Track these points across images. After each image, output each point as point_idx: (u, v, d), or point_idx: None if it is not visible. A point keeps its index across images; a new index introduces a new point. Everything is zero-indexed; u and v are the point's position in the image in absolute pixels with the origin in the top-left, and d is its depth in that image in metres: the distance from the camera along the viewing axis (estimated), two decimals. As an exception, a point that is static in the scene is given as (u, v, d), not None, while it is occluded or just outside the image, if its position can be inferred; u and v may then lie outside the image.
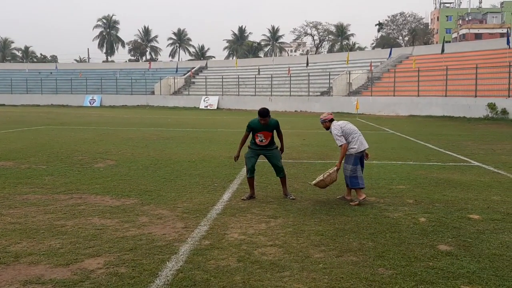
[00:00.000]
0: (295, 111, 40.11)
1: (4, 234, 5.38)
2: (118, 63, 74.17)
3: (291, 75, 44.82)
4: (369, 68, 40.64)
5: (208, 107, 46.24)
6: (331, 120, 7.36)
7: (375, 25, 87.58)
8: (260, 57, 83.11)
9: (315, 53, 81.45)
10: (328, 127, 7.34)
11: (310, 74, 43.09)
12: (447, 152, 12.94)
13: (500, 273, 4.33)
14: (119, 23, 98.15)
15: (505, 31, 58.99)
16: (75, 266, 4.45)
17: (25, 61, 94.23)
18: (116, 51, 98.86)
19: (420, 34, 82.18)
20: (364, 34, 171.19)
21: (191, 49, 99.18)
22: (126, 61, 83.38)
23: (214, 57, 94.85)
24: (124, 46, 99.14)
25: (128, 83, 54.63)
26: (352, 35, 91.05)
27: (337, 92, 39.77)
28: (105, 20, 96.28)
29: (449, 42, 61.71)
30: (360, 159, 7.23)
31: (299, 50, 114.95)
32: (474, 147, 14.27)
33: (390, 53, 42.31)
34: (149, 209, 6.58)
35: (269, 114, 7.29)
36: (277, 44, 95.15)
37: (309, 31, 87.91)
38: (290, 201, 7.11)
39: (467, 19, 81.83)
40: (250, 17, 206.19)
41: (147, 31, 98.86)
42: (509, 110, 26.96)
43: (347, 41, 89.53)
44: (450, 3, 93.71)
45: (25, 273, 4.29)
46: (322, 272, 4.34)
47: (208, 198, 7.28)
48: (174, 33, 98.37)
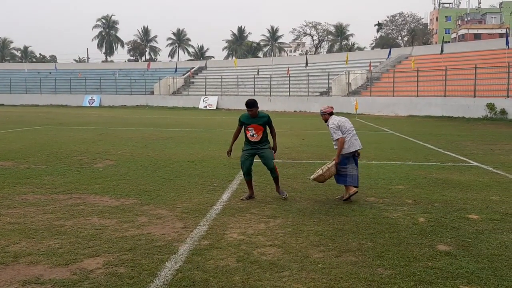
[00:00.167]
0: (294, 111, 40.14)
1: (3, 234, 5.38)
2: (117, 63, 74.16)
3: (290, 75, 44.84)
4: (368, 68, 40.68)
5: (208, 107, 46.26)
6: (331, 114, 7.43)
7: (374, 25, 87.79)
8: (259, 57, 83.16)
9: (314, 53, 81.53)
10: (327, 119, 7.42)
11: (309, 74, 43.12)
12: (446, 152, 12.96)
13: (499, 273, 4.33)
14: (118, 23, 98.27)
15: (504, 31, 59.10)
16: (74, 266, 4.45)
17: (24, 61, 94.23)
18: (115, 51, 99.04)
19: (419, 34, 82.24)
20: (363, 34, 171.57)
21: (190, 49, 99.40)
22: (125, 61, 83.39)
23: (213, 57, 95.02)
24: (123, 46, 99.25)
25: (127, 83, 54.65)
26: (351, 35, 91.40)
27: (336, 92, 39.80)
28: (104, 20, 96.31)
29: (448, 42, 61.72)
30: (354, 158, 7.28)
31: (298, 50, 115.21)
32: (473, 147, 14.29)
33: (389, 53, 42.35)
34: (148, 209, 6.58)
35: (256, 105, 7.13)
36: (276, 44, 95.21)
37: (308, 31, 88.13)
38: (289, 201, 7.11)
39: (466, 19, 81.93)
40: (249, 17, 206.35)
41: (146, 31, 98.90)
42: (508, 111, 27.01)
43: (346, 41, 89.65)
44: (449, 3, 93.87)
45: (24, 273, 4.28)
46: (321, 272, 4.34)
47: (207, 198, 7.29)
48: (173, 33, 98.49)
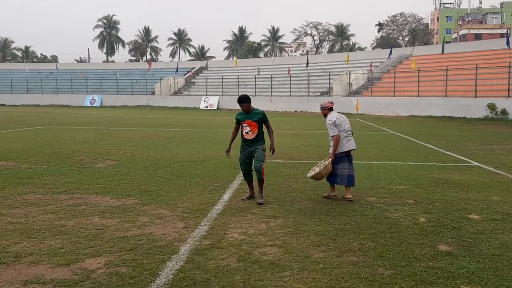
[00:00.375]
0: (295, 111, 40.14)
1: (4, 234, 5.39)
2: (118, 63, 74.29)
3: (291, 75, 44.85)
4: (369, 68, 40.67)
5: (208, 107, 46.28)
6: (331, 109, 7.53)
7: (375, 25, 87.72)
8: (260, 57, 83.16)
9: (315, 53, 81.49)
10: (326, 114, 7.51)
11: (310, 74, 43.12)
12: (447, 153, 12.95)
13: (500, 273, 4.34)
14: (119, 23, 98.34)
15: (505, 31, 59.04)
16: (76, 266, 4.46)
17: (25, 61, 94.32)
18: (116, 51, 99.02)
19: (420, 34, 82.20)
20: (364, 34, 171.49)
21: (191, 49, 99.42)
22: (127, 61, 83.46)
23: (214, 57, 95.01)
24: (124, 46, 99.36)
25: (128, 83, 54.68)
26: (352, 35, 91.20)
27: (337, 92, 39.79)
28: (105, 20, 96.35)
29: (449, 42, 61.73)
30: (348, 158, 7.37)
31: (299, 50, 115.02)
32: (474, 147, 14.28)
33: (390, 53, 42.34)
34: (150, 209, 6.59)
35: (247, 100, 7.01)
36: (277, 44, 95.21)
37: (309, 31, 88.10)
38: (290, 202, 7.11)
39: (467, 19, 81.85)
40: (250, 17, 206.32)
41: (147, 31, 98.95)
42: (509, 111, 26.99)
43: (347, 41, 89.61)
44: (450, 3, 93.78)
45: (26, 273, 4.29)
46: (322, 272, 4.35)
47: (208, 198, 7.29)
48: (174, 33, 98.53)
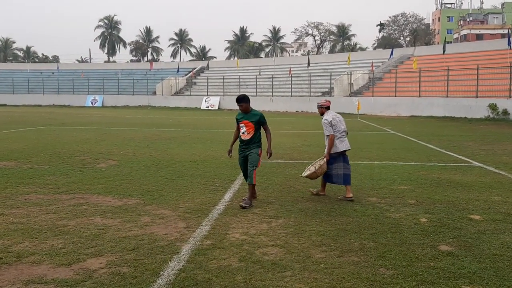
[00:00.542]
0: (296, 111, 40.14)
1: (6, 234, 5.39)
2: (119, 63, 74.41)
3: (292, 75, 44.87)
4: (370, 68, 40.67)
5: (210, 108, 46.30)
6: (328, 108, 7.61)
7: (377, 25, 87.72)
8: (261, 57, 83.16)
9: (316, 54, 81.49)
10: (323, 113, 7.59)
11: (312, 75, 43.13)
12: (448, 153, 12.95)
13: (501, 273, 4.34)
14: (120, 23, 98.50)
15: (506, 31, 58.95)
16: (78, 265, 4.46)
17: (26, 61, 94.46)
18: (117, 52, 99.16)
19: (421, 34, 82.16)
20: (365, 34, 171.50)
21: (193, 50, 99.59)
22: (128, 62, 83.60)
23: (215, 57, 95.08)
24: (125, 47, 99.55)
25: (129, 83, 54.74)
26: (353, 35, 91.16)
27: (338, 92, 39.80)
28: (106, 21, 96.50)
29: (450, 42, 61.68)
30: (343, 157, 7.44)
31: (300, 51, 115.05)
32: (475, 147, 14.28)
33: (392, 54, 42.35)
34: (151, 209, 6.60)
35: (245, 100, 6.94)
36: (278, 44, 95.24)
37: (310, 31, 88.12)
38: (291, 202, 7.11)
39: (468, 19, 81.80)
40: (251, 18, 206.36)
41: (148, 31, 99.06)
42: (510, 111, 26.97)
43: (348, 42, 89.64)
44: (451, 3, 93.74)
45: (28, 272, 4.29)
46: (324, 272, 4.35)
47: (209, 198, 7.30)
48: (176, 33, 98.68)
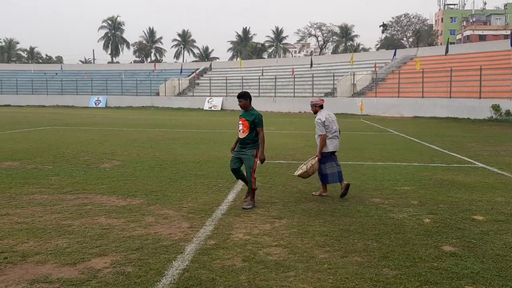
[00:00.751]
0: (299, 112, 40.11)
1: (11, 233, 5.42)
2: (123, 64, 74.43)
3: (295, 76, 44.88)
4: (373, 69, 40.65)
5: (212, 108, 46.34)
6: (321, 107, 7.72)
7: (379, 26, 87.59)
8: (264, 58, 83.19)
9: (319, 54, 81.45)
10: (316, 111, 7.70)
11: (314, 75, 43.12)
12: (452, 154, 12.94)
13: (504, 274, 4.35)
14: (124, 24, 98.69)
15: (509, 32, 58.78)
16: (82, 265, 4.49)
17: (30, 62, 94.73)
18: (121, 52, 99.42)
19: (424, 35, 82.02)
20: (368, 35, 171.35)
21: (196, 50, 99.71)
22: (131, 62, 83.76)
23: (218, 58, 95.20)
24: (129, 47, 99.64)
25: (133, 84, 54.84)
26: (356, 36, 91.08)
27: (341, 93, 39.80)
28: (110, 21, 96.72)
29: (453, 43, 61.50)
30: (334, 157, 7.60)
31: (303, 51, 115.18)
32: (478, 148, 14.26)
33: (395, 54, 42.32)
34: (155, 209, 6.62)
35: (245, 96, 6.80)
36: (281, 45, 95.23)
37: (313, 32, 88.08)
38: (295, 202, 7.12)
39: (471, 20, 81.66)
40: (254, 19, 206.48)
41: (152, 32, 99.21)
42: (513, 112, 26.93)
43: (351, 42, 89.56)
44: (454, 4, 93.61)
45: (32, 272, 4.31)
46: (327, 272, 4.36)
47: (213, 198, 7.32)
48: (179, 34, 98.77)
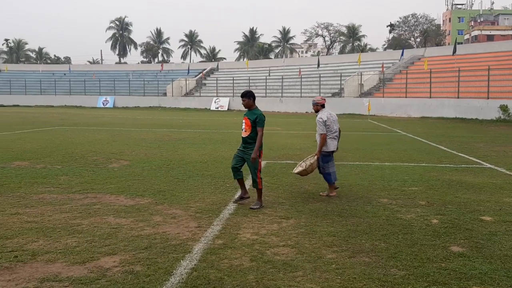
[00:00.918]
0: (306, 112, 40.02)
1: (21, 232, 5.48)
2: (130, 64, 74.72)
3: (302, 76, 44.84)
4: (380, 69, 40.54)
5: (219, 108, 46.41)
6: (323, 106, 7.74)
7: (387, 26, 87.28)
8: (271, 58, 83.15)
9: (326, 54, 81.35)
10: (318, 110, 7.70)
11: (321, 75, 43.05)
12: (459, 154, 12.88)
13: (513, 275, 4.33)
14: (131, 25, 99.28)
15: (518, 32, 58.39)
16: (91, 264, 4.53)
17: (39, 62, 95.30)
18: (128, 53, 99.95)
19: (432, 35, 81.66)
20: (375, 35, 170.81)
21: (203, 51, 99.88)
22: (139, 63, 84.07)
23: (225, 58, 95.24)
24: (136, 48, 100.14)
25: (140, 84, 55.06)
26: (363, 36, 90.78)
27: (348, 93, 39.71)
28: (118, 22, 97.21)
29: (461, 43, 61.21)
30: (332, 156, 7.71)
31: (310, 51, 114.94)
32: (487, 149, 14.18)
33: (402, 54, 42.17)
34: (163, 208, 6.66)
35: (249, 96, 6.76)
36: (288, 45, 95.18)
37: (320, 32, 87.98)
38: (302, 202, 7.13)
39: (479, 20, 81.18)
40: (261, 19, 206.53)
41: (159, 33, 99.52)
42: (522, 112, 26.75)
43: (358, 42, 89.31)
44: (462, 4, 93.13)
45: (42, 271, 4.35)
46: (335, 272, 4.37)
47: (220, 198, 7.34)
48: (186, 34, 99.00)
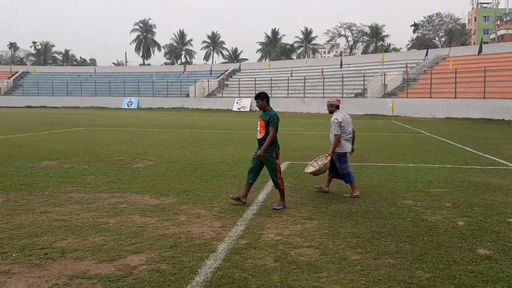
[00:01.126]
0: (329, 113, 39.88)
1: (50, 230, 5.61)
2: (154, 66, 75.54)
3: (325, 76, 44.61)
4: (404, 69, 40.04)
5: (241, 109, 46.53)
6: (337, 107, 7.85)
7: (411, 26, 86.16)
8: (293, 59, 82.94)
9: (349, 54, 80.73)
10: (332, 111, 7.82)
11: (344, 76, 42.76)
12: (486, 156, 12.64)
13: (542, 279, 4.25)
14: (155, 27, 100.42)
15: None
16: (119, 262, 4.61)
17: (65, 64, 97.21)
18: (152, 55, 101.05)
19: (457, 34, 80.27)
20: (399, 35, 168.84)
21: (225, 52, 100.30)
22: (162, 64, 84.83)
23: (247, 59, 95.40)
24: (160, 50, 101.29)
25: (164, 85, 55.62)
26: (387, 36, 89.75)
27: (372, 93, 39.35)
28: (142, 24, 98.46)
29: (487, 43, 59.97)
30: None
31: (333, 52, 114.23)
32: (515, 150, 13.89)
33: (427, 54, 41.57)
34: (187, 208, 6.74)
35: (261, 97, 6.74)
36: (310, 45, 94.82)
37: (343, 32, 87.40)
38: (326, 203, 7.12)
39: (505, 19, 79.41)
40: (283, 20, 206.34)
41: (182, 34, 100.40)
42: (552, 113, 26.09)
43: (381, 42, 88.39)
44: (488, 3, 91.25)
45: (71, 268, 4.46)
46: (360, 274, 4.36)
47: (244, 198, 7.37)
48: (208, 36, 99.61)
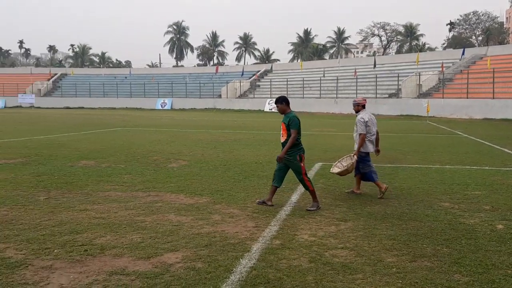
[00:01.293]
0: (362, 113, 39.44)
1: (89, 228, 5.79)
2: (187, 67, 76.44)
3: (358, 76, 44.13)
4: (440, 69, 39.19)
5: (273, 110, 46.43)
6: (363, 106, 7.92)
7: (446, 24, 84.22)
8: (325, 59, 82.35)
9: (383, 54, 79.56)
10: (358, 111, 7.86)
11: (378, 76, 42.19)
12: (527, 158, 12.25)
13: None
14: (188, 29, 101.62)
15: None
16: (155, 259, 4.71)
17: (101, 66, 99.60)
18: (185, 56, 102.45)
19: (494, 33, 77.97)
20: (434, 34, 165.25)
21: (256, 53, 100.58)
22: (195, 66, 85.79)
23: (278, 60, 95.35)
24: (193, 51, 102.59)
25: (196, 86, 56.25)
26: (421, 35, 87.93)
27: (406, 94, 38.67)
28: (175, 26, 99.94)
29: (529, 40, 57.94)
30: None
31: (366, 52, 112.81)
32: (558, 152, 13.39)
33: (463, 53, 40.60)
34: (221, 207, 6.81)
35: (281, 101, 6.74)
36: (342, 45, 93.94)
37: (376, 32, 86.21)
38: (360, 205, 7.06)
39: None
40: (315, 20, 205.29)
41: (214, 36, 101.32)
42: None
43: (416, 42, 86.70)
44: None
45: (110, 264, 4.58)
46: (396, 276, 4.31)
47: (276, 199, 7.35)
48: (240, 37, 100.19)
